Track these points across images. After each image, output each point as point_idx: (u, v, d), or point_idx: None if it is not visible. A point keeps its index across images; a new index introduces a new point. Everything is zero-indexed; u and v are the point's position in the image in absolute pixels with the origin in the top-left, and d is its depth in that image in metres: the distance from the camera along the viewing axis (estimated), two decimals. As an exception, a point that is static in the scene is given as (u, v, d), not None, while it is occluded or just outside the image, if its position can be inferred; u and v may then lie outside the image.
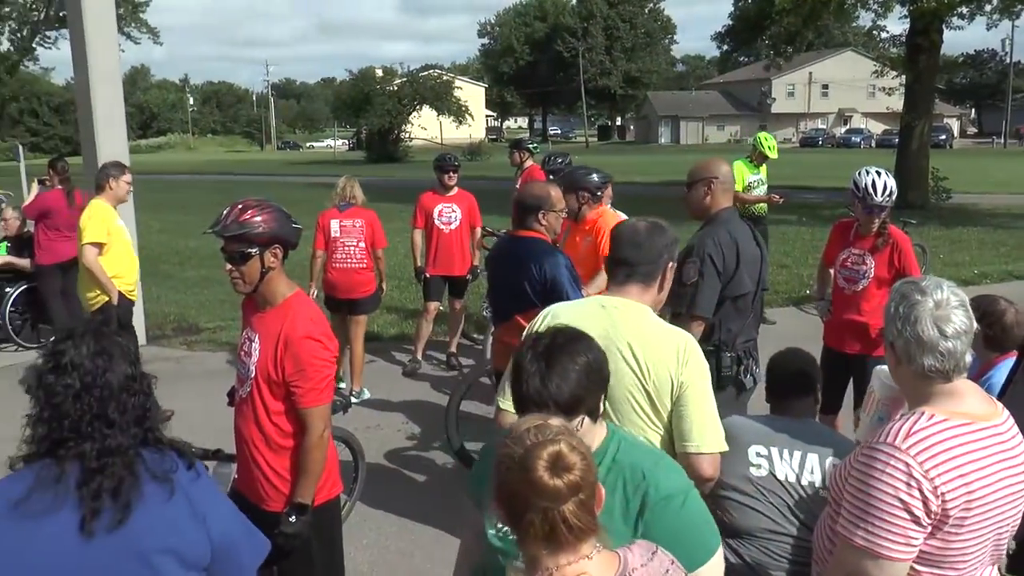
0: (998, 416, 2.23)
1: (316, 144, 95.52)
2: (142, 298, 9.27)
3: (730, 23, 32.10)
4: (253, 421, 3.10)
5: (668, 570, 1.78)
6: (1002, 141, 67.53)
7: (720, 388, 3.90)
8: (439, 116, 55.61)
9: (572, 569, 1.62)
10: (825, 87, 79.62)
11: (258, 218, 2.96)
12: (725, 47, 37.88)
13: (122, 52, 9.36)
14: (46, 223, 8.69)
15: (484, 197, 8.51)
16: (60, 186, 8.87)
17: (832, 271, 5.34)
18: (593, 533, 1.64)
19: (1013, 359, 3.38)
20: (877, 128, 71.93)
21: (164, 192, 27.24)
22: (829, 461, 2.88)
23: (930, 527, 2.10)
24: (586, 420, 2.01)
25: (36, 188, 9.68)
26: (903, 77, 22.49)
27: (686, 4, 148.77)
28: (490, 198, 9.91)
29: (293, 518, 3.02)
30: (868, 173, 4.90)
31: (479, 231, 8.25)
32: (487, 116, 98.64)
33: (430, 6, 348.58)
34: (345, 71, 69.53)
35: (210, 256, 14.07)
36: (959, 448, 2.11)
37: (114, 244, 6.68)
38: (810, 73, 77.04)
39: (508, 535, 2.10)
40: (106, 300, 6.64)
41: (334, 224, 7.13)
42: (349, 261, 7.11)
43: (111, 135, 8.99)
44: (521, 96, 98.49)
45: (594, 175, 5.50)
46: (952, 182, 21.87)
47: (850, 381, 5.14)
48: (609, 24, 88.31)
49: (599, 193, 5.48)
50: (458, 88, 56.36)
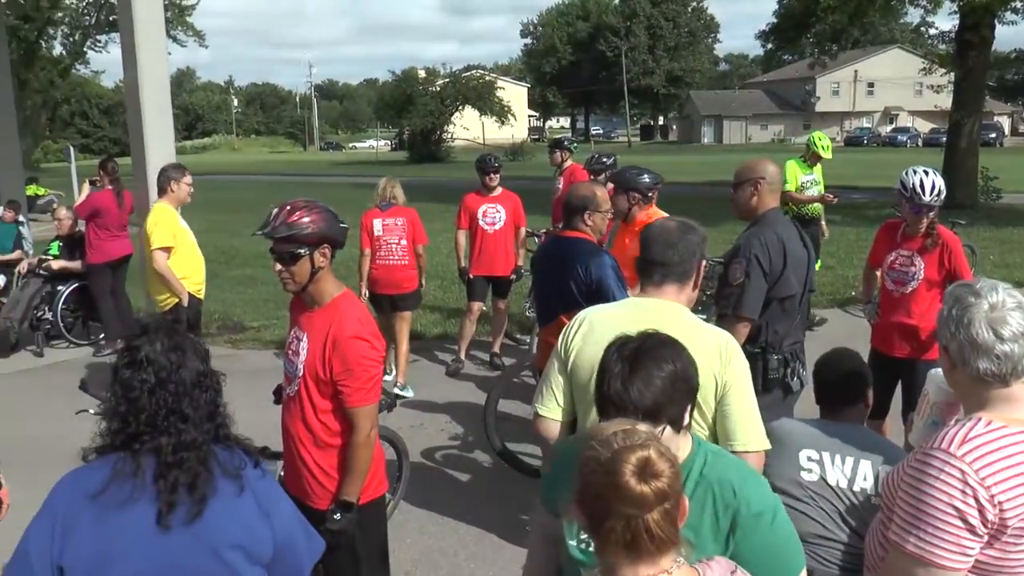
0: None
1: (359, 145, 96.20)
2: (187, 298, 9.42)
3: (775, 21, 31.65)
4: (300, 419, 3.12)
5: None
6: (1055, 139, 66.20)
7: (767, 390, 3.87)
8: (481, 116, 55.68)
9: None
10: (871, 85, 78.39)
11: (307, 219, 2.98)
12: (769, 45, 37.39)
13: (169, 55, 9.49)
14: (96, 222, 8.86)
15: (525, 197, 8.51)
16: (110, 186, 9.03)
17: (878, 273, 5.24)
18: (675, 546, 1.59)
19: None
20: (924, 127, 70.68)
21: (209, 192, 27.50)
22: (882, 468, 2.84)
23: (987, 537, 2.03)
24: (668, 430, 1.96)
25: (87, 188, 9.86)
26: (952, 74, 22.07)
27: (730, 2, 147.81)
28: (532, 198, 9.89)
29: (339, 515, 3.04)
30: (916, 172, 4.79)
31: (523, 231, 8.25)
32: (529, 116, 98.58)
33: (472, 6, 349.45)
34: (388, 72, 69.99)
35: (255, 256, 14.24)
36: (1018, 456, 2.04)
37: (180, 246, 6.77)
38: (855, 71, 75.95)
39: (589, 547, 2.03)
40: (176, 302, 6.72)
41: (376, 223, 7.36)
42: (391, 258, 7.35)
43: (159, 136, 9.13)
44: (563, 96, 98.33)
45: (645, 176, 5.42)
46: (1003, 181, 21.39)
47: (898, 385, 5.06)
48: (652, 23, 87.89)
49: (650, 194, 5.41)
50: (500, 88, 56.35)
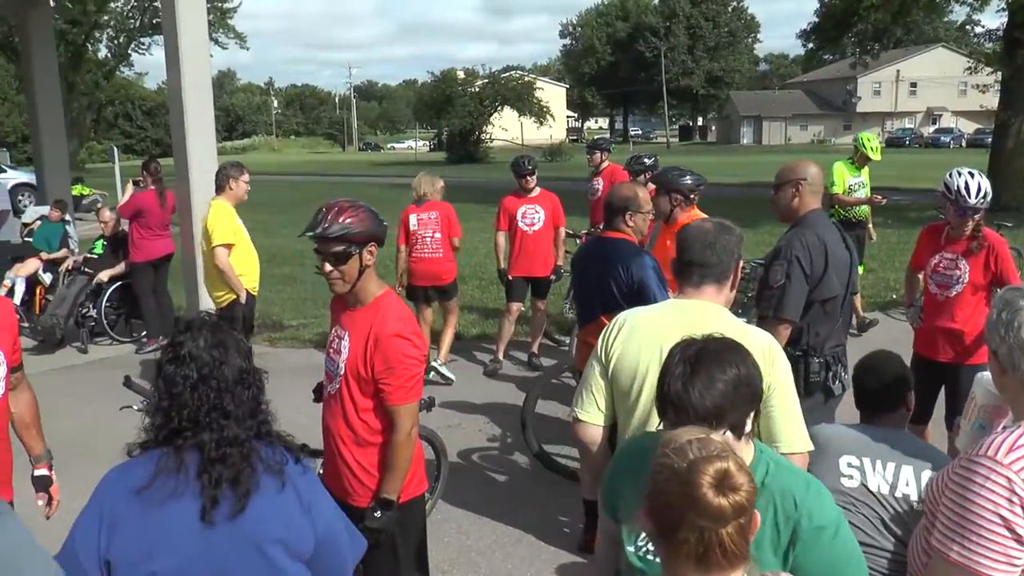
0: None
1: (397, 145, 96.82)
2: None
3: (816, 20, 31.31)
4: (342, 417, 3.14)
5: None
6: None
7: (808, 394, 3.82)
8: (520, 117, 55.75)
9: None
10: (913, 85, 77.26)
11: (355, 218, 3.02)
12: (810, 45, 36.91)
13: (211, 57, 9.62)
14: (139, 222, 8.99)
15: (564, 198, 8.50)
16: (153, 186, 9.15)
17: (921, 276, 5.17)
18: (745, 561, 1.55)
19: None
20: (968, 127, 69.57)
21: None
22: (925, 474, 2.79)
23: None
24: (729, 435, 1.92)
25: (130, 188, 10.02)
26: (998, 73, 21.67)
27: (770, 1, 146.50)
28: (571, 199, 9.88)
29: (379, 513, 3.05)
30: (960, 174, 4.69)
31: (563, 231, 8.24)
32: (568, 117, 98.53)
33: (512, 7, 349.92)
34: (427, 73, 70.40)
35: (293, 255, 14.38)
36: None
37: (238, 243, 6.88)
38: (898, 71, 74.90)
39: (648, 555, 2.04)
40: (234, 298, 6.82)
41: (412, 218, 7.70)
42: (426, 251, 7.68)
43: (201, 137, 9.24)
44: (602, 97, 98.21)
45: (688, 177, 5.36)
46: (1051, 183, 20.97)
47: (941, 390, 4.98)
48: (692, 23, 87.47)
49: (692, 196, 5.35)
50: (539, 89, 56.40)
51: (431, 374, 7.44)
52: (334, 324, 3.29)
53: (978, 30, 27.11)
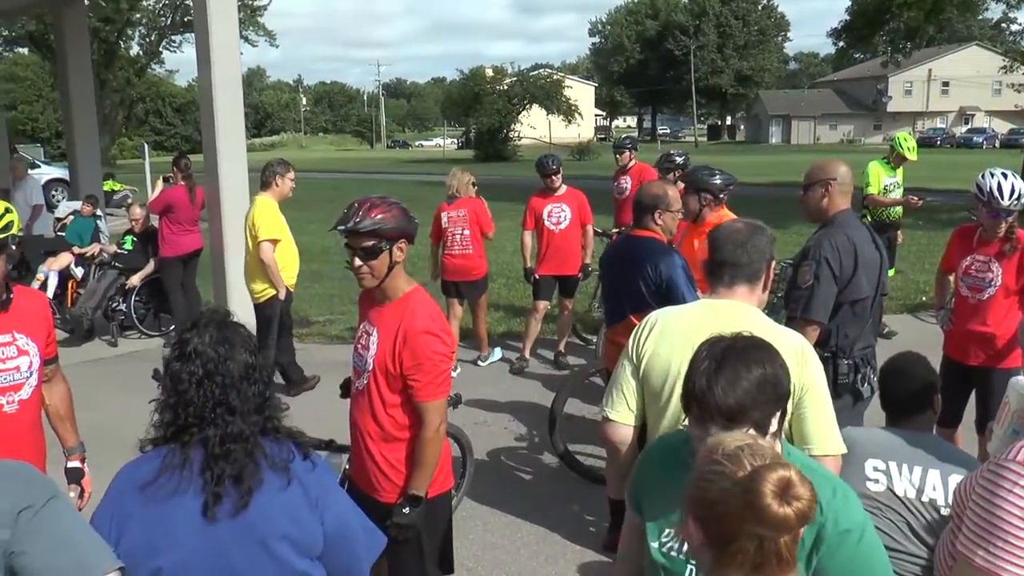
0: None
1: (425, 143, 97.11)
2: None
3: (847, 18, 31.06)
4: (369, 413, 3.15)
5: None
6: None
7: (836, 396, 3.76)
8: (548, 115, 55.69)
9: None
10: (945, 84, 76.33)
11: (386, 214, 3.02)
12: (841, 44, 36.60)
13: (240, 54, 9.70)
14: (169, 218, 9.08)
15: (592, 196, 8.48)
16: (183, 182, 9.22)
17: (952, 278, 5.11)
18: (794, 569, 1.52)
19: None
20: (1002, 127, 68.62)
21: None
22: (952, 478, 2.76)
23: None
24: (751, 433, 1.89)
25: (160, 184, 10.12)
26: (1034, 72, 21.40)
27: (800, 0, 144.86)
28: (597, 197, 9.85)
29: (407, 509, 3.06)
30: (993, 175, 4.61)
31: (590, 229, 8.22)
32: (596, 115, 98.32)
33: (540, 5, 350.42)
34: (455, 70, 70.56)
35: (321, 251, 14.45)
36: None
37: (283, 239, 6.97)
38: (930, 70, 74.02)
39: (672, 551, 2.05)
40: (273, 294, 6.89)
41: (444, 216, 7.90)
42: (455, 248, 7.87)
43: (231, 134, 9.34)
44: (630, 95, 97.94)
45: (718, 176, 5.32)
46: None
47: (971, 394, 4.92)
48: (721, 21, 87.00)
49: (722, 196, 5.31)
50: (568, 87, 56.31)
51: (456, 371, 7.46)
52: (362, 320, 3.30)
53: (1014, 28, 26.77)
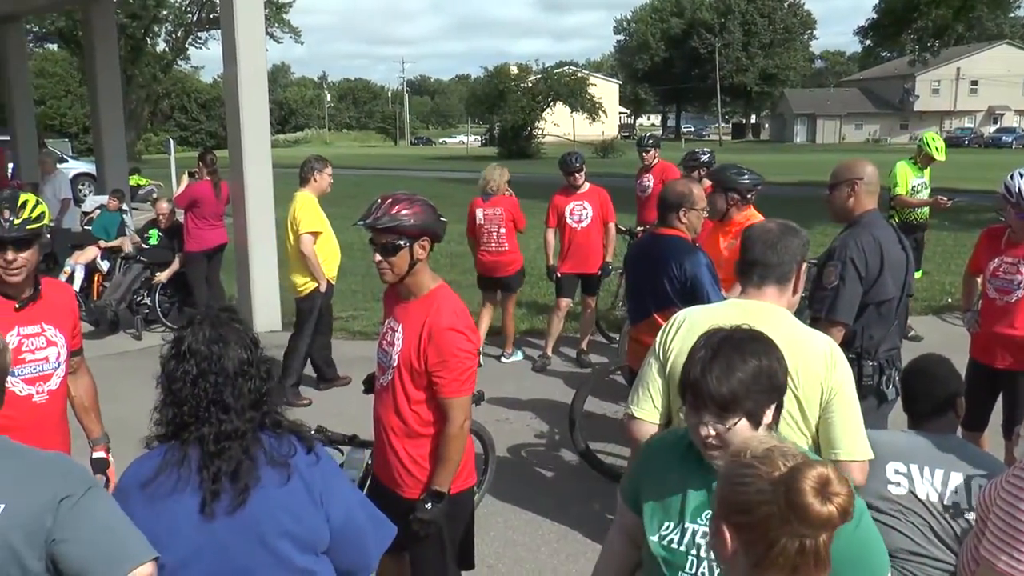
0: None
1: (449, 140, 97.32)
2: (278, 286, 9.66)
3: (874, 16, 30.82)
4: (393, 409, 3.16)
5: None
6: None
7: (861, 398, 3.72)
8: (572, 113, 55.60)
9: None
10: (974, 83, 75.50)
11: (408, 211, 3.02)
12: (868, 42, 36.33)
13: (266, 51, 9.76)
14: (194, 212, 9.14)
15: (616, 194, 8.47)
16: (208, 177, 9.28)
17: (979, 280, 5.05)
18: (829, 568, 1.50)
19: None
20: (1032, 127, 67.91)
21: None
22: (976, 481, 2.74)
23: None
24: (743, 423, 1.94)
25: (186, 179, 10.20)
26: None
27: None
28: (621, 195, 9.84)
29: (429, 504, 3.07)
30: (1022, 176, 4.58)
31: (612, 227, 8.19)
32: (620, 113, 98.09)
33: (566, 3, 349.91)
34: (480, 68, 70.69)
35: (344, 247, 14.31)
36: None
37: (324, 232, 7.02)
38: (958, 68, 73.24)
39: (672, 543, 2.06)
40: (315, 287, 6.96)
41: (479, 213, 7.98)
42: (491, 245, 7.96)
43: (256, 130, 9.41)
44: (655, 93, 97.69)
45: (746, 176, 5.24)
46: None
47: (998, 398, 4.86)
48: (747, 19, 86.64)
49: (749, 195, 5.22)
50: (592, 85, 56.14)
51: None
52: (387, 316, 3.30)
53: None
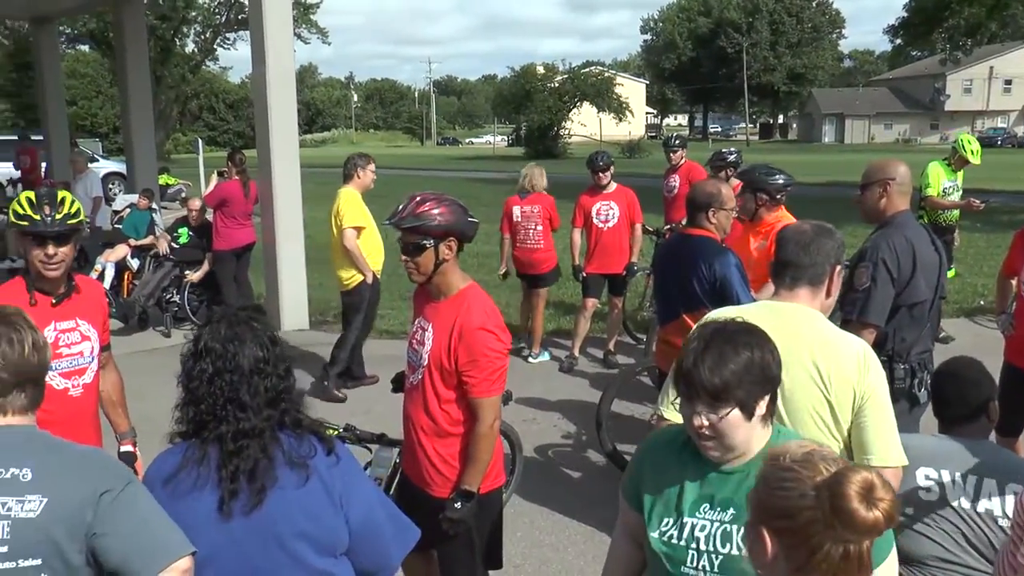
0: None
1: (475, 140, 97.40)
2: (306, 284, 9.71)
3: (905, 15, 30.46)
4: (423, 408, 3.16)
5: None
6: None
7: (892, 401, 3.70)
8: (599, 113, 55.46)
9: None
10: (1008, 82, 74.48)
11: (435, 211, 3.02)
12: (898, 41, 35.92)
13: (294, 52, 9.81)
14: (223, 211, 9.20)
15: (642, 194, 8.45)
16: (237, 177, 9.34)
17: (1014, 282, 4.98)
18: (871, 573, 1.49)
19: None
20: (1069, 127, 66.90)
21: (328, 184, 28.16)
22: (1010, 487, 2.69)
23: None
24: (735, 413, 1.94)
25: (215, 179, 10.28)
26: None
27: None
28: (647, 195, 9.79)
29: (459, 504, 3.06)
30: None
31: (639, 227, 8.17)
32: (647, 113, 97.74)
33: (593, 3, 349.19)
34: (506, 68, 70.73)
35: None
36: None
37: (367, 227, 7.08)
38: (991, 67, 72.30)
39: (672, 539, 2.07)
40: (361, 280, 7.04)
41: (516, 210, 8.12)
42: (528, 242, 8.11)
43: (283, 130, 9.46)
44: (682, 93, 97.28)
45: (778, 176, 5.19)
46: None
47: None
48: (775, 18, 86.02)
49: (779, 196, 5.17)
50: (619, 85, 55.97)
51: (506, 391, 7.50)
52: (417, 315, 3.31)
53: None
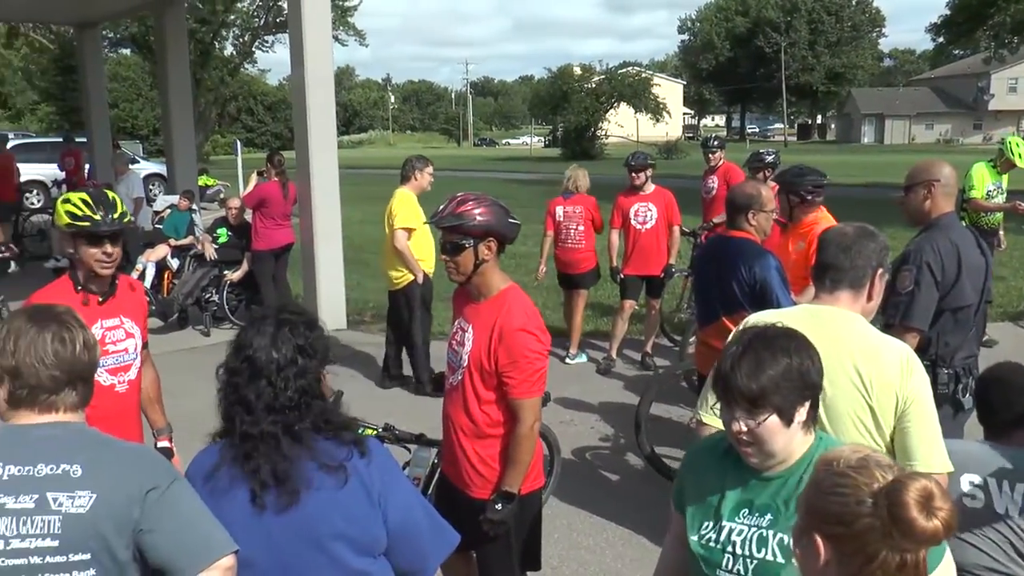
0: None
1: (512, 141, 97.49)
2: (343, 285, 9.76)
3: (947, 13, 30.01)
4: (463, 409, 3.17)
5: None
6: None
7: (936, 407, 3.65)
8: (636, 114, 55.22)
9: None
10: (1055, 81, 73.05)
11: (475, 211, 3.02)
12: (940, 39, 35.38)
13: (332, 54, 9.88)
14: (262, 212, 9.30)
15: (679, 195, 8.40)
16: (276, 178, 9.43)
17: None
18: None
19: None
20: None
21: (365, 185, 28.39)
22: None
23: None
24: (773, 419, 1.92)
25: (254, 179, 10.38)
26: None
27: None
28: (684, 197, 9.72)
29: (499, 505, 3.07)
30: None
31: (677, 229, 8.13)
32: (684, 114, 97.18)
33: (631, 3, 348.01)
34: (543, 69, 70.77)
35: (406, 248, 14.56)
36: None
37: (419, 229, 7.18)
38: (1037, 65, 70.97)
39: (710, 543, 2.06)
40: (411, 279, 7.16)
41: (559, 210, 8.24)
42: (569, 242, 8.22)
43: (322, 131, 9.54)
44: (719, 93, 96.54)
45: (808, 177, 5.19)
46: None
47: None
48: (813, 17, 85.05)
49: (809, 196, 5.17)
50: (656, 85, 55.67)
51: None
52: (457, 316, 3.32)
53: None
